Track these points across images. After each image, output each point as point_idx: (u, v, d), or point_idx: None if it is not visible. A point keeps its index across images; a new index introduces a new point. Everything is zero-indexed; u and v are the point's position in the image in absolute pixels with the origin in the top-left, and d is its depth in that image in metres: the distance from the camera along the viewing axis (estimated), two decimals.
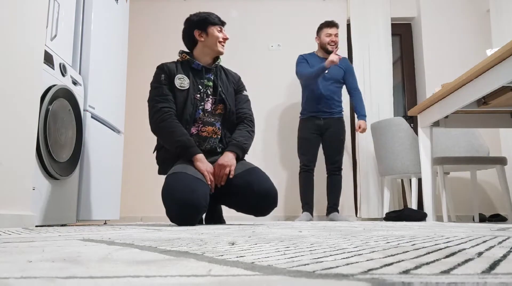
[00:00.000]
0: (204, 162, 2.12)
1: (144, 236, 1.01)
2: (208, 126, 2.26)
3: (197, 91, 2.27)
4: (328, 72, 3.44)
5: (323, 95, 3.45)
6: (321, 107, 3.47)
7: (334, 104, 3.50)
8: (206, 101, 2.28)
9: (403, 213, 2.99)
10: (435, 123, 2.79)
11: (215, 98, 2.30)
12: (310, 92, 3.48)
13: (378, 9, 4.18)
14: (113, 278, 0.36)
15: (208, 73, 2.33)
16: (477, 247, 0.64)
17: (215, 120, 2.28)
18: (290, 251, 0.59)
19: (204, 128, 2.26)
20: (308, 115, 3.52)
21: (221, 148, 2.29)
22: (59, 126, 2.22)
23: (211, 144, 2.26)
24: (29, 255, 0.56)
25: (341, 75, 3.54)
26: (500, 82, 2.02)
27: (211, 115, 2.28)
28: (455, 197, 3.80)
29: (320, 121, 3.48)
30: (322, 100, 3.46)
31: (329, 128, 3.48)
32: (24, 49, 1.78)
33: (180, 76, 2.26)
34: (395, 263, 0.45)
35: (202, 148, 2.22)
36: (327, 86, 3.47)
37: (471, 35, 4.14)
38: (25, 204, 1.79)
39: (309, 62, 3.50)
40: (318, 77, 3.38)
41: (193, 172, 2.03)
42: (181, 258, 0.51)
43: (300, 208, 3.47)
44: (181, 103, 2.21)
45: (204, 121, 2.26)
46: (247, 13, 4.28)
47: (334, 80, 3.50)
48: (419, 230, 1.30)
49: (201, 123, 2.25)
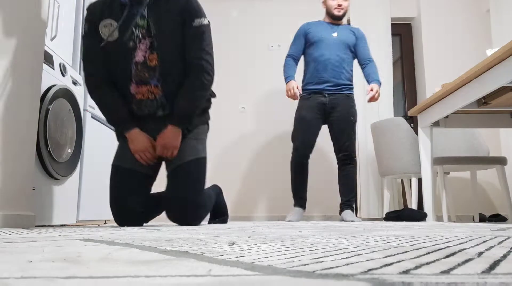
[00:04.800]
0: (136, 141, 1.82)
1: (144, 236, 1.01)
2: (141, 86, 1.79)
3: (130, 37, 1.77)
4: (337, 35, 3.04)
5: (330, 60, 2.97)
6: (327, 77, 2.97)
7: (343, 74, 3.00)
8: (138, 49, 1.78)
9: (403, 213, 2.99)
10: (435, 123, 2.78)
11: (150, 40, 1.78)
12: (313, 59, 3.03)
13: (378, 9, 4.18)
14: (113, 278, 0.36)
15: (140, 7, 1.76)
16: (477, 247, 0.64)
17: (149, 76, 1.78)
18: (290, 251, 0.59)
19: (138, 88, 1.80)
20: (309, 91, 3.03)
21: (165, 112, 1.86)
22: (59, 126, 2.22)
23: (148, 109, 1.83)
24: (29, 255, 0.56)
25: (352, 41, 3.07)
26: (500, 82, 2.02)
27: (145, 68, 1.78)
28: (455, 197, 3.79)
29: (324, 98, 2.98)
30: (328, 67, 2.97)
31: (336, 107, 2.98)
32: (24, 49, 1.78)
33: (105, 22, 1.77)
34: (395, 263, 0.45)
35: (141, 113, 1.85)
36: (335, 50, 3.00)
37: (471, 35, 4.14)
38: (25, 204, 1.79)
39: (313, 30, 3.08)
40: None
41: (130, 163, 1.87)
42: (181, 258, 0.51)
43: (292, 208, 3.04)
44: (113, 57, 1.79)
45: (137, 78, 1.79)
46: (247, 13, 4.28)
47: (344, 44, 3.02)
48: (419, 230, 1.30)
49: (134, 82, 1.80)
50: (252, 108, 4.12)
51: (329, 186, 3.91)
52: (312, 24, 3.17)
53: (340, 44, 3.04)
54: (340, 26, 3.15)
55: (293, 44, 3.19)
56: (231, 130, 4.05)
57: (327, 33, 3.07)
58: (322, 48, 3.02)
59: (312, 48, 3.08)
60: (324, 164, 3.94)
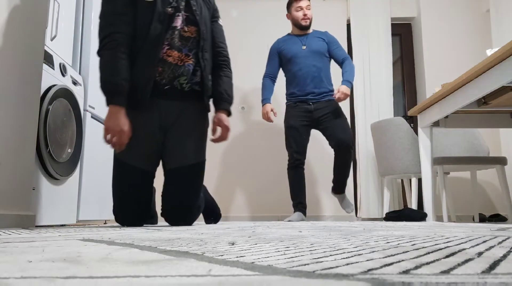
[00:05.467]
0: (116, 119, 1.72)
1: (144, 236, 1.01)
2: (173, 50, 1.83)
3: (167, 3, 1.83)
4: (306, 46, 3.12)
5: (308, 73, 3.07)
6: (310, 88, 3.07)
7: (323, 82, 3.09)
8: (176, 17, 1.85)
9: (403, 213, 2.99)
10: (435, 123, 2.78)
11: (187, 15, 1.87)
12: (292, 74, 3.12)
13: (378, 9, 4.18)
14: (113, 278, 0.36)
15: None
16: (477, 247, 0.64)
17: (182, 45, 1.85)
18: (290, 251, 0.59)
19: (171, 51, 1.83)
20: (294, 101, 3.14)
21: (187, 82, 1.89)
22: (59, 126, 2.22)
23: (174, 72, 1.85)
24: (29, 255, 0.56)
25: (324, 48, 3.14)
26: (500, 82, 2.02)
27: (180, 36, 1.85)
28: (455, 197, 3.79)
29: (309, 106, 3.08)
30: (308, 79, 3.07)
31: (322, 111, 3.07)
32: (24, 49, 1.78)
33: None
34: (395, 263, 0.45)
35: (162, 80, 1.84)
36: (311, 61, 3.08)
37: (471, 35, 4.14)
38: (25, 204, 1.79)
39: (284, 48, 3.17)
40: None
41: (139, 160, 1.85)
42: (181, 258, 0.51)
43: (291, 208, 3.13)
44: (145, 19, 1.80)
45: (172, 43, 1.83)
46: (247, 13, 4.28)
47: (317, 54, 3.11)
48: (419, 230, 1.30)
49: (167, 45, 1.83)
50: (252, 108, 4.12)
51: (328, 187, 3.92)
52: (282, 41, 3.27)
53: (313, 55, 3.12)
54: (308, 36, 3.21)
55: (269, 64, 3.29)
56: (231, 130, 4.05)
57: (298, 48, 3.16)
58: (298, 63, 3.11)
59: (289, 64, 3.18)
60: (321, 165, 3.94)
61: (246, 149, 4.05)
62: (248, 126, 4.08)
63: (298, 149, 3.09)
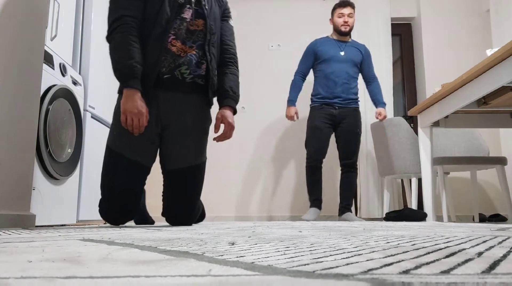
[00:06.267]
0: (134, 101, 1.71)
1: (144, 236, 1.01)
2: (178, 41, 1.83)
3: None
4: (344, 53, 3.26)
5: (340, 77, 3.20)
6: (338, 92, 3.19)
7: (351, 89, 3.24)
8: (187, 8, 1.86)
9: (403, 213, 2.99)
10: (435, 123, 2.78)
11: (196, 8, 1.88)
12: (324, 75, 3.23)
13: (378, 9, 4.18)
14: (113, 278, 0.36)
15: None
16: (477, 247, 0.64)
17: (187, 37, 1.85)
18: (290, 251, 0.59)
19: (176, 41, 1.83)
20: (320, 103, 3.24)
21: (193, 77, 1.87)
22: (59, 126, 2.22)
23: (175, 63, 1.83)
24: (29, 255, 0.56)
25: (359, 59, 3.31)
26: (500, 82, 2.02)
27: (186, 29, 1.85)
28: (455, 197, 3.79)
29: (335, 110, 3.20)
30: (338, 83, 3.20)
31: (344, 119, 3.21)
32: (24, 49, 1.78)
33: None
34: (395, 263, 0.45)
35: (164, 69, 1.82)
36: (344, 68, 3.22)
37: (471, 35, 4.14)
38: (25, 204, 1.79)
39: (322, 49, 3.29)
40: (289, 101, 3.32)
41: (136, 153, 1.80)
42: (181, 258, 0.51)
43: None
44: (156, 5, 1.80)
45: (178, 33, 1.83)
46: (247, 13, 4.28)
47: (351, 62, 3.26)
48: (419, 230, 1.30)
49: (174, 35, 1.83)
50: (252, 108, 4.12)
51: (329, 187, 3.92)
52: (320, 42, 3.36)
53: (348, 63, 3.26)
54: (347, 44, 3.34)
55: (303, 62, 3.39)
56: None
57: (336, 52, 3.28)
58: (332, 66, 3.23)
59: (323, 65, 3.28)
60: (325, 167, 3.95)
61: (246, 149, 4.05)
62: (248, 126, 4.08)
63: (320, 149, 3.21)
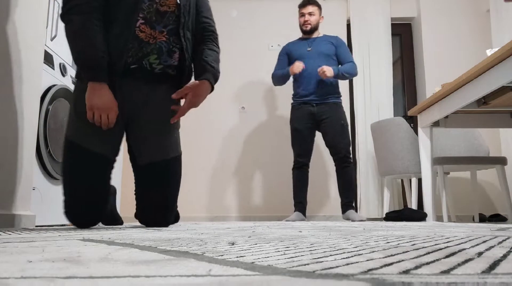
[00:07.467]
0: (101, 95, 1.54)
1: (144, 236, 1.01)
2: (147, 26, 1.62)
3: None
4: (311, 48, 3.22)
5: (312, 73, 3.12)
6: (312, 88, 3.15)
7: (328, 85, 3.16)
8: None
9: (403, 213, 2.99)
10: (435, 123, 2.78)
11: None
12: (299, 75, 3.17)
13: (378, 9, 4.18)
14: (113, 278, 0.36)
15: None
16: (477, 247, 0.64)
17: (156, 20, 1.63)
18: (290, 251, 0.59)
19: (144, 26, 1.62)
20: (299, 102, 3.22)
21: (163, 68, 1.68)
22: (59, 126, 2.22)
23: (143, 52, 1.62)
24: (29, 255, 0.56)
25: (331, 50, 3.23)
26: (500, 82, 2.02)
27: (156, 11, 1.63)
28: (455, 197, 3.79)
29: (313, 108, 3.16)
30: (311, 79, 3.14)
31: (325, 114, 3.15)
32: (24, 49, 1.78)
33: None
34: (395, 263, 0.45)
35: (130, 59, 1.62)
36: (315, 63, 3.14)
37: (471, 35, 4.14)
38: (25, 204, 1.79)
39: (291, 49, 3.30)
40: (284, 80, 3.25)
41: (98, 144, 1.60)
42: (181, 258, 0.51)
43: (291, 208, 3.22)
44: None
45: (148, 17, 1.62)
46: (247, 13, 4.28)
47: (322, 56, 3.18)
48: (419, 230, 1.30)
49: (142, 18, 1.62)
50: (252, 108, 4.12)
51: (329, 187, 3.92)
52: (291, 43, 3.40)
53: (319, 57, 3.20)
54: (316, 39, 3.31)
55: (278, 63, 3.41)
56: (231, 130, 4.05)
57: (303, 49, 3.28)
58: (304, 64, 3.16)
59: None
60: (323, 165, 3.95)
61: (245, 149, 4.05)
62: (248, 126, 4.08)
63: (302, 152, 3.19)
